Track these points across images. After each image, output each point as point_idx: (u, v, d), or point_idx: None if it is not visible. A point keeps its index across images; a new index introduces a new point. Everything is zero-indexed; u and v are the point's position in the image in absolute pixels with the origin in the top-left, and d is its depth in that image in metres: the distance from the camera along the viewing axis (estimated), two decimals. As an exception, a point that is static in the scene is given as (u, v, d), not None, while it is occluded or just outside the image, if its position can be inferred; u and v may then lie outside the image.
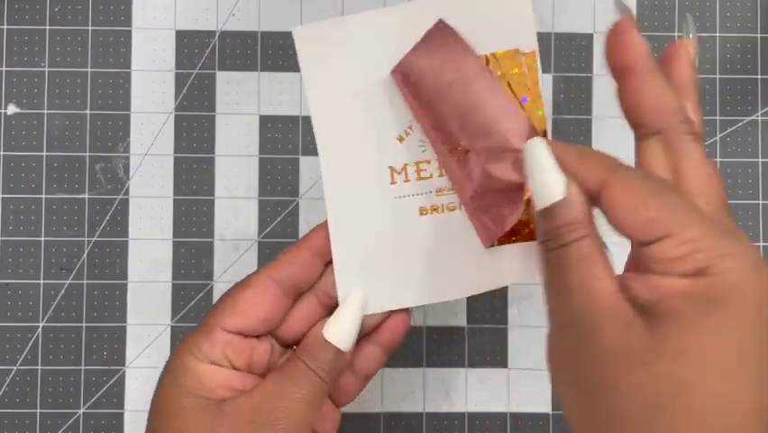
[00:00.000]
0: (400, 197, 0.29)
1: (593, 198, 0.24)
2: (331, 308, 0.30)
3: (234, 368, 0.29)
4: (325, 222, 0.30)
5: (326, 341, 0.29)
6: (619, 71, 0.26)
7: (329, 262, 0.30)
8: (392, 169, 0.29)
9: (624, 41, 0.25)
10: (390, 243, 0.29)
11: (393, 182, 0.29)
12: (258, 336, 0.30)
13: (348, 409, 0.40)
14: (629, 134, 0.41)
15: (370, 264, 0.29)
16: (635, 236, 0.23)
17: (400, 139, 0.29)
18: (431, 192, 0.29)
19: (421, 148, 0.28)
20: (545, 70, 0.41)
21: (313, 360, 0.29)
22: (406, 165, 0.29)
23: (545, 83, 0.41)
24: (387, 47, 0.28)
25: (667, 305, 0.22)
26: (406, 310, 0.31)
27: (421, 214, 0.29)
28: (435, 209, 0.29)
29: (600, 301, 0.23)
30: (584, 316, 0.23)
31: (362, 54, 0.28)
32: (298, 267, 0.30)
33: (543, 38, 0.41)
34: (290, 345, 0.31)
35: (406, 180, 0.29)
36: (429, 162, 0.28)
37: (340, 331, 0.29)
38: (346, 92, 0.29)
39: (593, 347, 0.22)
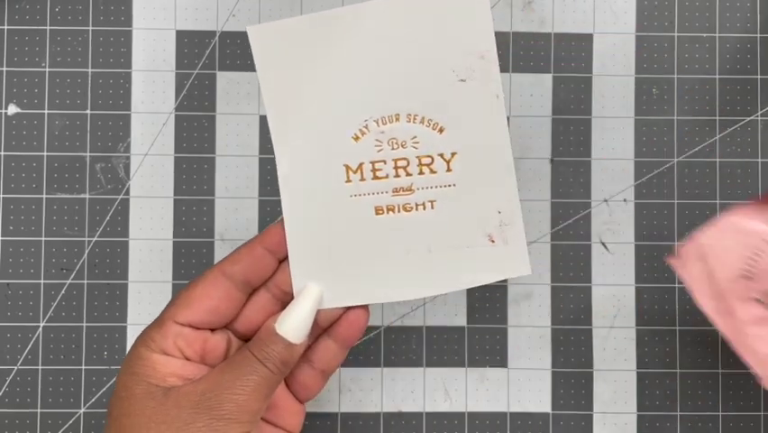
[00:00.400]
0: (356, 195, 0.29)
1: None
2: (285, 303, 0.31)
3: (186, 359, 0.30)
4: (280, 220, 0.31)
5: (276, 333, 0.30)
6: None
7: (283, 259, 0.31)
8: (347, 167, 0.29)
9: None
10: (346, 240, 0.30)
11: (348, 180, 0.29)
12: (212, 330, 0.31)
13: (348, 408, 0.40)
14: (629, 134, 0.41)
15: (326, 261, 0.30)
16: None
17: (356, 138, 0.29)
18: (387, 192, 0.29)
19: (377, 147, 0.29)
20: (545, 71, 0.41)
21: (260, 351, 0.30)
22: (361, 164, 0.29)
23: (545, 83, 0.41)
24: (343, 46, 0.28)
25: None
26: (364, 306, 0.31)
27: (377, 213, 0.30)
28: (391, 209, 0.29)
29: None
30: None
31: (318, 53, 0.29)
32: (250, 262, 0.31)
33: (543, 38, 0.41)
34: (248, 339, 0.32)
35: (362, 179, 0.29)
36: (385, 162, 0.29)
37: (291, 324, 0.30)
38: (301, 91, 0.29)
39: None
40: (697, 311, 0.40)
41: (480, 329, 0.40)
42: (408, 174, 0.29)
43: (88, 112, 0.40)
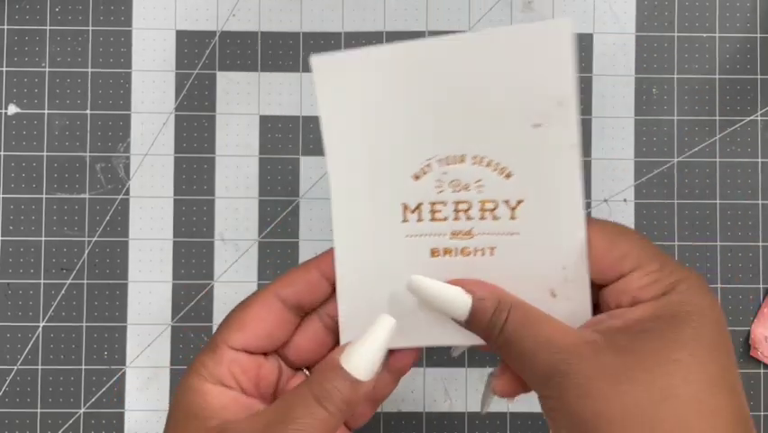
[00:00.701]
0: (412, 236, 0.28)
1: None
2: (336, 332, 0.29)
3: (242, 388, 0.28)
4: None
5: (342, 368, 0.26)
6: None
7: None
8: (405, 206, 0.28)
9: None
10: (399, 281, 0.28)
11: (405, 220, 0.28)
12: (265, 354, 0.29)
13: (348, 408, 0.40)
14: (629, 134, 0.41)
15: (375, 300, 0.28)
16: (609, 271, 0.26)
17: (416, 177, 0.28)
18: (445, 234, 0.28)
19: (437, 189, 0.28)
20: (545, 70, 0.41)
21: (321, 388, 0.26)
22: (420, 204, 0.28)
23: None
24: (412, 80, 0.27)
25: (639, 326, 0.24)
26: None
27: (433, 255, 0.28)
28: (448, 252, 0.28)
29: (561, 344, 0.24)
30: (555, 364, 0.24)
31: (385, 86, 0.27)
32: (304, 286, 0.29)
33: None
34: (298, 367, 0.30)
35: (420, 220, 0.28)
36: (445, 204, 0.28)
37: (361, 358, 0.26)
38: (363, 124, 0.28)
39: (575, 386, 0.23)
40: (697, 311, 0.40)
41: (479, 329, 0.40)
42: (469, 218, 0.28)
43: (88, 112, 0.40)
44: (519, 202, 0.27)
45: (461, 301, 0.26)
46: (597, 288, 0.27)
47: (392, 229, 0.28)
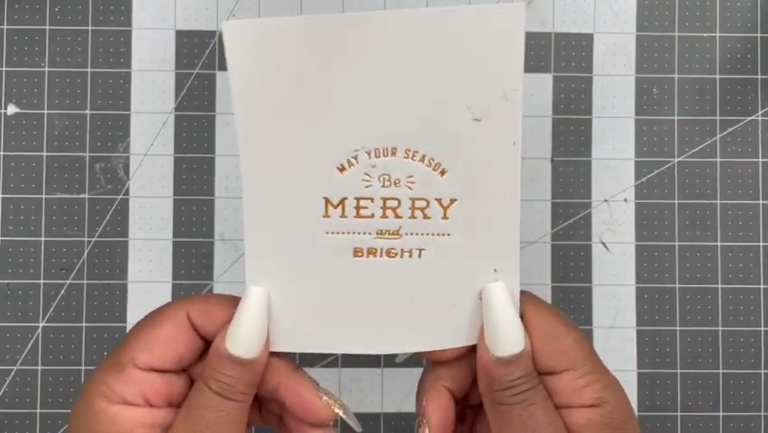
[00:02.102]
0: (333, 232, 0.25)
1: None
2: None
3: (150, 404, 0.26)
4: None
5: (228, 354, 0.25)
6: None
7: None
8: (327, 200, 0.25)
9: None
10: (316, 281, 0.26)
11: (326, 215, 0.25)
12: (176, 371, 0.27)
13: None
14: (628, 134, 0.41)
15: (289, 299, 0.26)
16: (542, 363, 0.26)
17: (341, 168, 0.25)
18: (370, 233, 0.25)
19: (365, 182, 0.25)
20: (545, 70, 0.41)
21: (220, 383, 0.25)
22: (344, 198, 0.25)
23: (545, 83, 0.41)
24: (341, 59, 0.24)
25: None
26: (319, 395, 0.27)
27: (356, 255, 0.26)
28: (373, 252, 0.25)
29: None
30: None
31: (310, 63, 0.24)
32: (219, 317, 0.27)
33: (543, 38, 0.41)
34: None
35: (343, 216, 0.25)
36: (372, 200, 0.25)
37: (243, 338, 0.25)
38: (282, 103, 0.24)
39: None
40: (696, 311, 0.40)
41: (480, 329, 0.40)
42: (398, 216, 0.25)
43: (88, 112, 0.40)
44: (452, 201, 0.25)
45: (517, 342, 0.25)
46: None
47: (311, 224, 0.25)
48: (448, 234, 0.25)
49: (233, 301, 0.27)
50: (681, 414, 0.40)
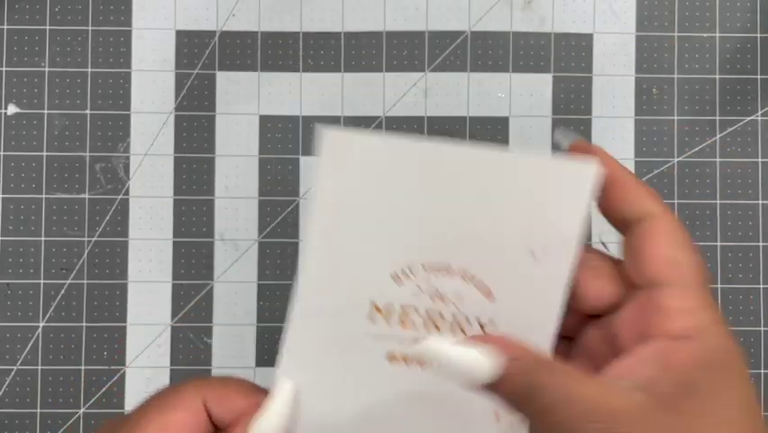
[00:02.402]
0: (374, 335, 0.26)
1: (626, 225, 0.24)
2: None
3: None
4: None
5: None
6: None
7: None
8: (374, 304, 0.26)
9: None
10: (350, 382, 0.26)
11: (370, 318, 0.26)
12: None
13: (348, 408, 0.40)
14: (628, 134, 0.41)
15: (320, 399, 0.26)
16: (654, 271, 0.23)
17: (396, 278, 0.26)
18: (407, 341, 0.26)
19: (413, 293, 0.26)
20: (545, 70, 0.41)
21: None
22: (390, 305, 0.26)
23: (545, 83, 0.41)
24: (419, 179, 0.25)
25: (685, 377, 0.21)
26: None
27: (390, 360, 0.26)
28: (405, 359, 0.26)
29: (608, 411, 0.21)
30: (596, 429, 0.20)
31: (386, 177, 0.25)
32: (237, 407, 0.26)
33: (542, 38, 0.41)
34: None
35: (386, 322, 0.26)
36: (417, 310, 0.25)
37: (266, 429, 0.25)
38: (358, 211, 0.26)
39: None
40: (697, 311, 0.40)
41: (479, 329, 0.40)
42: (438, 329, 0.26)
43: (88, 112, 0.40)
44: (491, 321, 0.26)
45: (487, 362, 0.22)
46: (629, 286, 0.24)
47: (353, 324, 0.26)
48: None
49: (253, 389, 0.26)
50: (681, 414, 0.40)
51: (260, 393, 0.26)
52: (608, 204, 0.24)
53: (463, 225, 0.25)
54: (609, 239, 0.40)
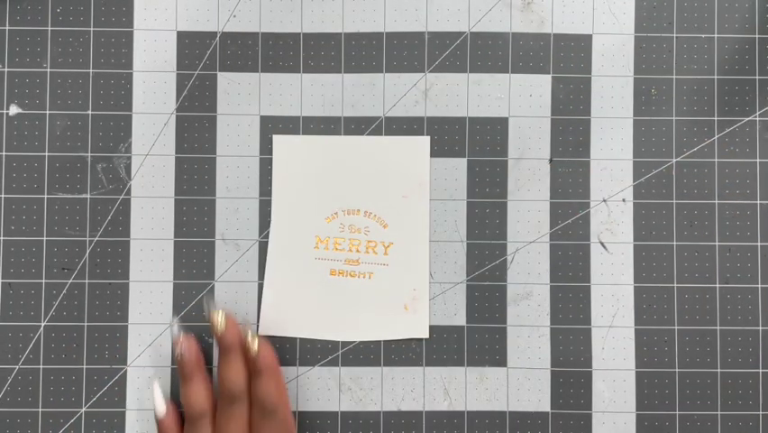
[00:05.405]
0: (319, 258, 0.40)
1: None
2: None
3: None
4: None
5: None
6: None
7: None
8: (317, 237, 0.40)
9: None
10: (305, 289, 0.40)
11: (316, 247, 0.40)
12: None
13: (348, 407, 0.40)
14: (627, 135, 0.41)
15: (287, 302, 0.40)
16: None
17: (327, 219, 0.40)
18: (341, 260, 0.40)
19: (340, 229, 0.40)
20: (545, 71, 0.41)
21: None
22: (327, 237, 0.40)
23: (545, 83, 0.41)
24: (335, 160, 0.41)
25: None
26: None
27: (331, 274, 0.40)
28: (341, 273, 0.40)
29: None
30: None
31: (316, 160, 0.40)
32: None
33: (542, 39, 0.41)
34: None
35: (326, 249, 0.40)
36: (344, 240, 0.40)
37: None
38: (299, 184, 0.40)
39: None
40: (694, 310, 0.40)
41: (479, 328, 0.40)
42: (358, 251, 0.40)
43: (90, 112, 0.41)
44: (390, 244, 0.40)
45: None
46: None
47: (307, 252, 0.40)
48: (387, 265, 0.40)
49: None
50: (680, 413, 0.40)
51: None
52: None
53: (364, 183, 0.41)
54: (607, 239, 0.40)
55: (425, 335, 0.40)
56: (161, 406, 0.38)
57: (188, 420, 0.38)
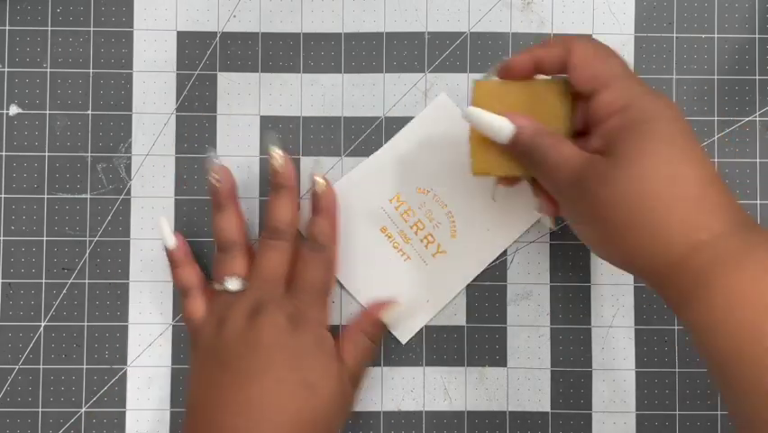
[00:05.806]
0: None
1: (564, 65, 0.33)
2: None
3: None
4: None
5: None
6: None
7: None
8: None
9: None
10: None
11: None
12: None
13: (348, 407, 0.40)
14: (628, 135, 0.41)
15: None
16: (584, 86, 0.32)
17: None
18: (404, 231, 0.41)
19: (410, 204, 0.41)
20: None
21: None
22: (400, 207, 0.41)
23: (544, 84, 0.41)
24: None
25: (612, 137, 0.30)
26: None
27: (394, 247, 0.41)
28: (408, 240, 0.41)
29: (575, 161, 0.31)
30: (570, 176, 0.31)
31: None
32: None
33: (543, 38, 0.41)
34: None
35: (399, 218, 0.41)
36: (413, 212, 0.41)
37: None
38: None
39: (580, 188, 0.31)
40: (695, 311, 0.40)
41: (479, 328, 0.40)
42: (423, 225, 0.41)
43: (90, 112, 0.41)
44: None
45: (507, 128, 0.33)
46: (585, 100, 0.33)
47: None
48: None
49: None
50: (680, 413, 0.40)
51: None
52: (574, 72, 0.33)
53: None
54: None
55: (403, 340, 0.40)
56: (170, 238, 0.38)
57: (219, 250, 0.38)
